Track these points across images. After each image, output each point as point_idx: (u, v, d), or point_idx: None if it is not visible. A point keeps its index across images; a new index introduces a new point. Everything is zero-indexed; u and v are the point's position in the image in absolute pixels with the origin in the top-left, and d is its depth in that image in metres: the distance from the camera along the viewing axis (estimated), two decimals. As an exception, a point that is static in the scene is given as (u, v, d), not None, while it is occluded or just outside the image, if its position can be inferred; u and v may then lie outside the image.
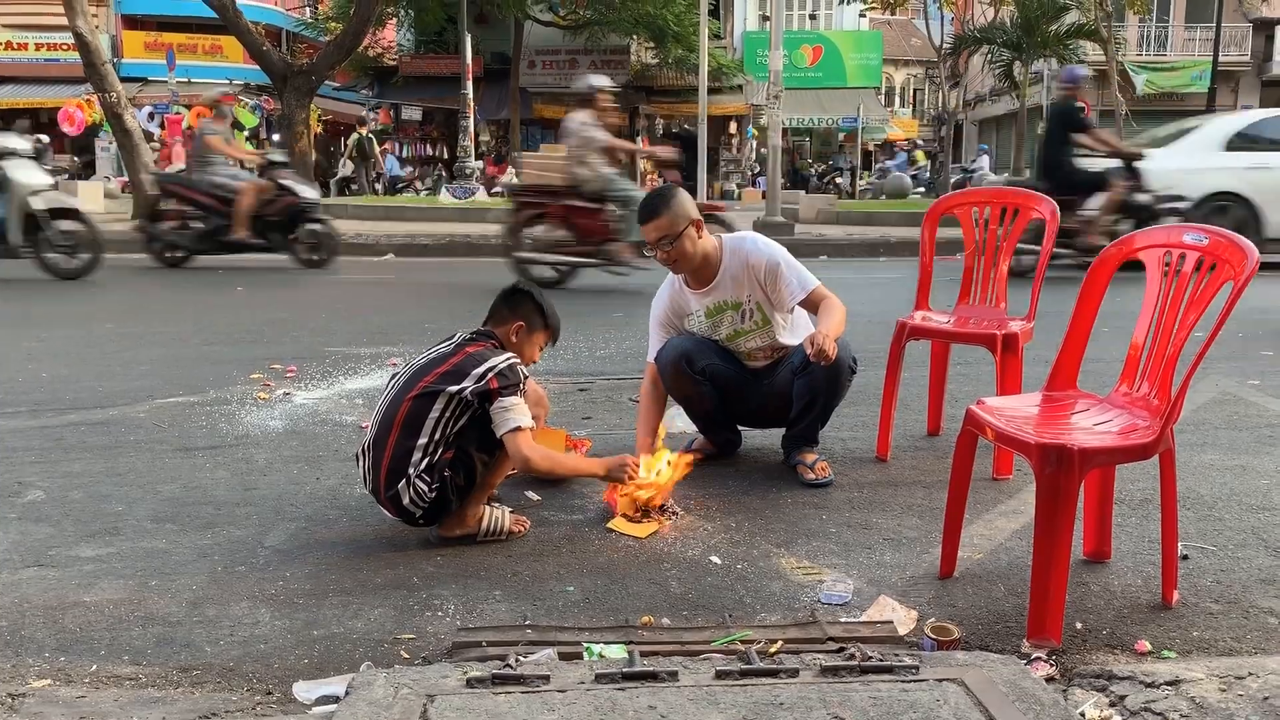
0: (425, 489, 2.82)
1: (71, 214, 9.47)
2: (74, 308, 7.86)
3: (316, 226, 10.46)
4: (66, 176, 20.98)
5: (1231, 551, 2.88)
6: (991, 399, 2.75)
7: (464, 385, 2.81)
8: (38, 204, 9.21)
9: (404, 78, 30.02)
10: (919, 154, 31.52)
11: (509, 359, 2.89)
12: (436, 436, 2.83)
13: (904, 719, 1.81)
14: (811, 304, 3.48)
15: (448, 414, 2.83)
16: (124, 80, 16.24)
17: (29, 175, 9.30)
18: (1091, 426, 2.52)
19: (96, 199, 17.28)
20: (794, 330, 3.64)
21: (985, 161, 26.54)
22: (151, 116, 23.76)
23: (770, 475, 3.61)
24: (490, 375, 2.82)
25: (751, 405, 3.71)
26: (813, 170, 32.61)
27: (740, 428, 3.88)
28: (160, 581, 2.68)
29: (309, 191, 10.58)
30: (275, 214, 10.23)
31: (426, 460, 2.82)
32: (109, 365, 5.57)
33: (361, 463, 2.94)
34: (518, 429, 2.82)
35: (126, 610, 2.50)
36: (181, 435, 4.15)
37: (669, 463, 3.24)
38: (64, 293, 8.76)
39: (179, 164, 19.05)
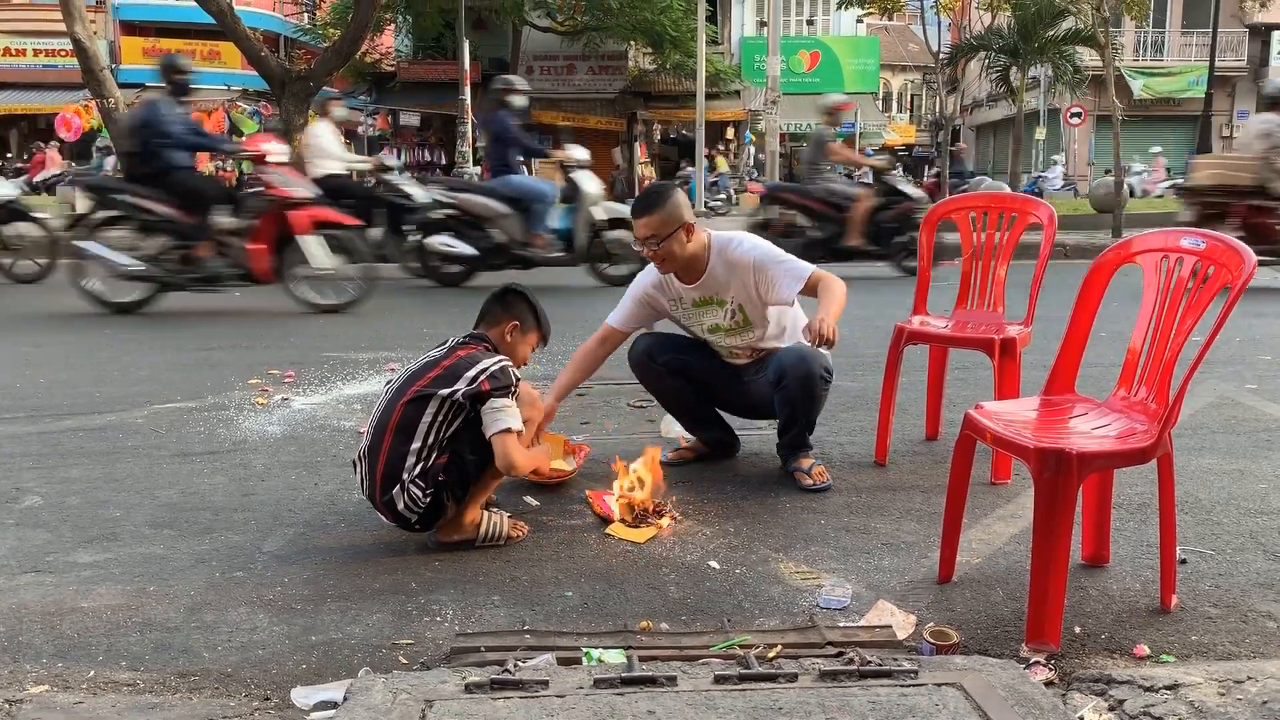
0: (419, 494, 2.82)
1: (625, 224, 9.44)
2: (71, 314, 7.85)
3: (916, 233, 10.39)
4: (65, 182, 20.98)
5: (1230, 555, 2.88)
6: (989, 403, 2.75)
7: (456, 388, 2.81)
8: (599, 214, 9.34)
9: (402, 83, 30.04)
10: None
11: (501, 361, 2.90)
12: (430, 440, 2.83)
13: (903, 723, 1.81)
14: (810, 290, 3.43)
15: (440, 417, 2.83)
16: (122, 86, 16.23)
17: (593, 186, 9.47)
18: (1090, 431, 2.52)
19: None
20: (784, 334, 3.64)
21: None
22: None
23: (768, 480, 3.61)
24: (482, 377, 2.82)
25: (735, 400, 3.75)
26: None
27: (738, 431, 3.90)
28: (158, 587, 2.67)
29: (917, 191, 10.51)
30: (890, 220, 10.07)
31: (420, 465, 2.82)
32: (107, 371, 5.56)
33: (359, 468, 2.94)
34: (506, 430, 2.81)
35: (124, 616, 2.50)
36: (179, 441, 4.14)
37: (644, 463, 3.28)
38: (61, 298, 8.75)
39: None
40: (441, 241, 9.30)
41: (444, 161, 29.61)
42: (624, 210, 9.79)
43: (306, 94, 16.75)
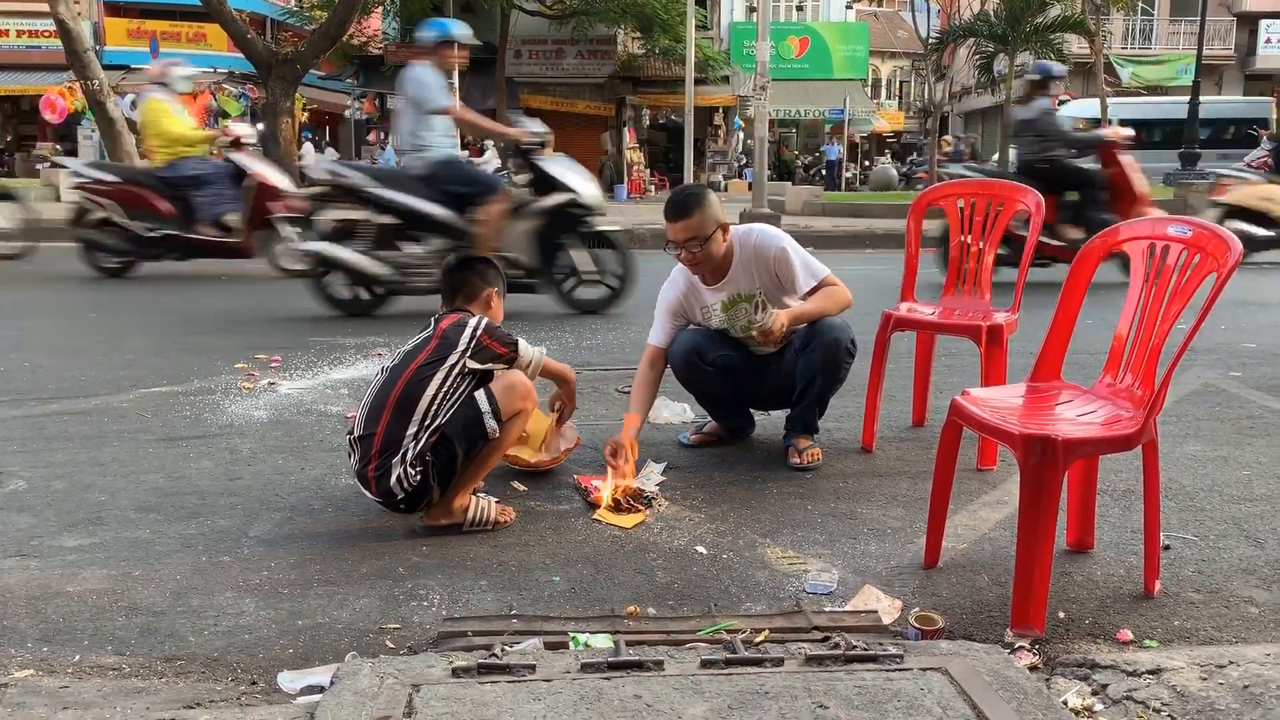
0: (412, 472, 2.82)
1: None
2: (56, 297, 7.80)
3: None
4: (48, 165, 20.78)
5: (1213, 541, 2.90)
6: (976, 390, 2.75)
7: (461, 348, 2.87)
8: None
9: (390, 66, 29.85)
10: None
11: (483, 318, 2.99)
12: (432, 412, 2.84)
13: (888, 708, 1.82)
14: (817, 289, 3.55)
15: (445, 388, 2.86)
16: (107, 68, 16.08)
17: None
18: (1075, 417, 2.53)
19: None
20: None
21: None
22: (134, 105, 23.55)
23: (756, 465, 3.61)
24: (479, 333, 2.91)
25: (760, 389, 3.77)
26: (799, 162, 32.58)
27: (753, 412, 3.95)
28: (144, 571, 2.66)
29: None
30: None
31: (420, 438, 2.82)
32: (92, 354, 5.53)
33: (350, 444, 2.93)
34: (544, 357, 3.08)
35: (110, 600, 2.49)
36: (165, 425, 4.12)
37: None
38: (46, 282, 8.70)
39: None
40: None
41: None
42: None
43: (294, 78, 16.63)
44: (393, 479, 2.82)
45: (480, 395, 2.89)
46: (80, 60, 13.93)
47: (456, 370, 2.87)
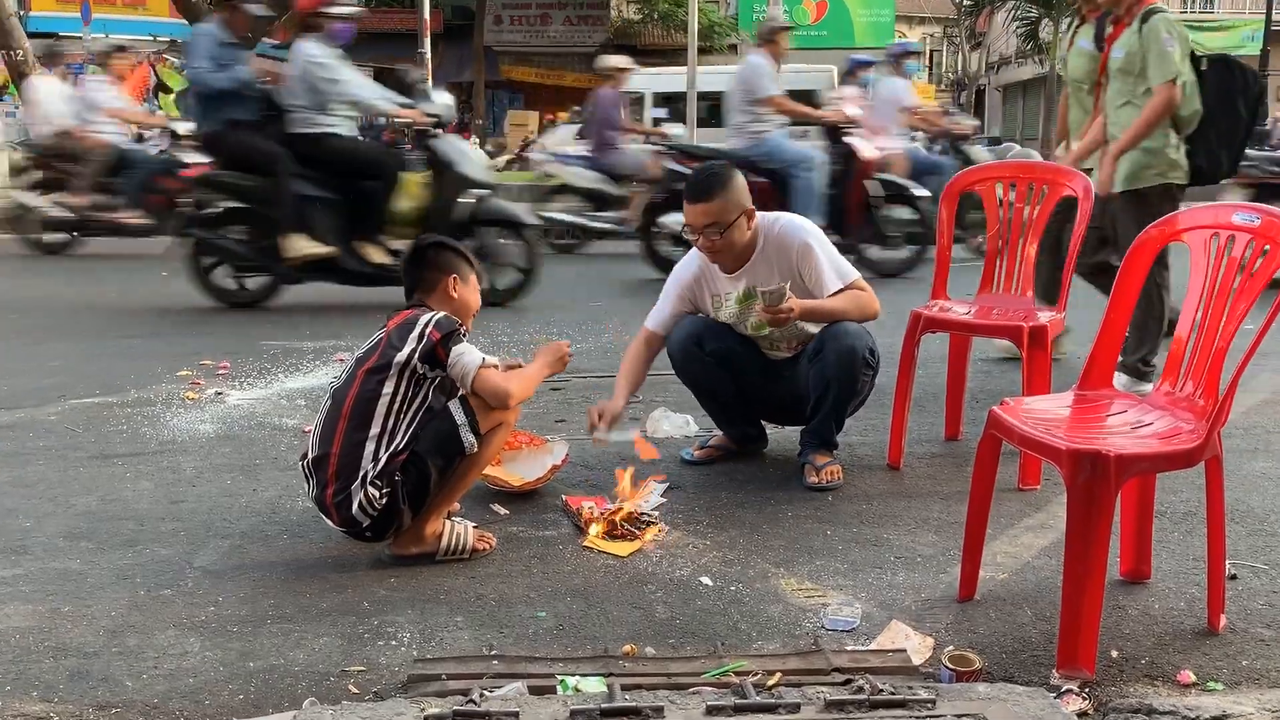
0: (376, 495, 2.81)
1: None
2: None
3: None
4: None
5: (1285, 571, 2.90)
6: (1017, 399, 2.76)
7: (409, 348, 2.84)
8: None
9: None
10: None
11: (439, 312, 2.95)
12: (389, 425, 2.84)
13: (919, 760, 1.82)
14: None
15: (400, 396, 2.85)
16: (32, 36, 16.09)
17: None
18: (1129, 430, 2.53)
19: (-2, 170, 17.03)
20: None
21: None
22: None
23: (769, 485, 3.62)
24: (429, 328, 2.87)
25: (772, 397, 3.78)
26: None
27: (764, 424, 3.95)
28: (74, 607, 2.66)
29: None
30: None
31: (380, 458, 2.81)
32: (13, 361, 5.53)
33: (305, 470, 2.93)
34: (480, 368, 2.88)
35: (35, 640, 2.49)
36: (98, 441, 4.12)
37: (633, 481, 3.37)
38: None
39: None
40: None
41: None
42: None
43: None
44: (354, 506, 2.82)
45: (455, 406, 2.89)
46: (2, 28, 13.92)
47: (408, 373, 2.85)
